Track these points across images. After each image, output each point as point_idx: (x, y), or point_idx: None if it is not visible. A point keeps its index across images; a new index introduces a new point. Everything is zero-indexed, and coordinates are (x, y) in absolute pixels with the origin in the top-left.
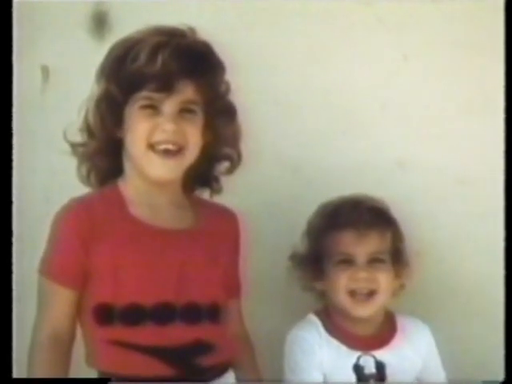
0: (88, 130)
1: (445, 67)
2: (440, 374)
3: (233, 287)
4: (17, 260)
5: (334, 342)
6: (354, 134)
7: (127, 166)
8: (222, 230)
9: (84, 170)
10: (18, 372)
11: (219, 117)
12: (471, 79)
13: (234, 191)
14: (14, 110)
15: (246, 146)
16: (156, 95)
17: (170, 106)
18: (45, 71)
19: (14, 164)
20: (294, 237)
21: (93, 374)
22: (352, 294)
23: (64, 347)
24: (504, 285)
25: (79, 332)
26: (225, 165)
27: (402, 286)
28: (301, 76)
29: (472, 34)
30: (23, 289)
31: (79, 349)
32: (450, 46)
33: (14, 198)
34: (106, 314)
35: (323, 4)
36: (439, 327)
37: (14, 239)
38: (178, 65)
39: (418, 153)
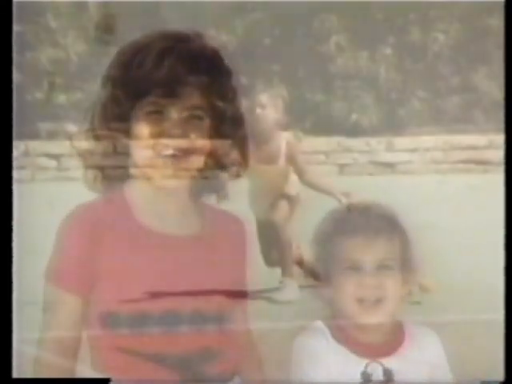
0: (94, 135)
1: (447, 72)
2: (448, 380)
3: (239, 293)
4: (18, 262)
5: (342, 350)
6: (362, 139)
7: (133, 172)
8: (229, 236)
9: (90, 176)
10: (18, 372)
11: (226, 122)
12: (473, 83)
13: (241, 197)
14: (18, 115)
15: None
16: (162, 101)
17: (176, 111)
18: (51, 76)
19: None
20: (301, 243)
21: None
22: (360, 301)
23: (70, 353)
24: (504, 287)
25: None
26: (232, 170)
27: (409, 293)
28: (308, 81)
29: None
30: (24, 292)
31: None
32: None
33: (16, 204)
34: (111, 321)
35: (332, 10)
36: (440, 328)
37: (15, 244)
38: (184, 70)
39: (426, 160)
